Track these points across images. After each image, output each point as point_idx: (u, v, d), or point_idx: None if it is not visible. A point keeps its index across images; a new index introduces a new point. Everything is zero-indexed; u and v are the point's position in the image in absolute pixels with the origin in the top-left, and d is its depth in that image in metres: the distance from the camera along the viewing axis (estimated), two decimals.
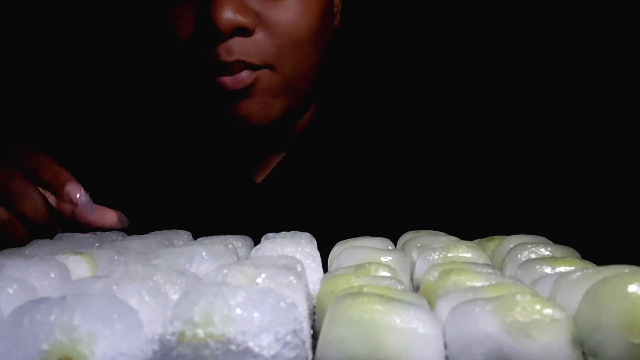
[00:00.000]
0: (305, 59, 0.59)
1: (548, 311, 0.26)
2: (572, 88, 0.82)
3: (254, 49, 0.56)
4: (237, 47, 0.55)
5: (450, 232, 0.48)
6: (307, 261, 0.40)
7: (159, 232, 0.51)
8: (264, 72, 0.57)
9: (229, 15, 0.52)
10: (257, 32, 0.56)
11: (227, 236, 0.48)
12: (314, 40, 0.59)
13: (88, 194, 0.50)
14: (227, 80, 0.56)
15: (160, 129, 0.70)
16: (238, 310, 0.25)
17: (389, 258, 0.39)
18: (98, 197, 0.52)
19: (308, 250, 0.41)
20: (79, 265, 0.38)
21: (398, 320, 0.26)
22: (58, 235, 0.49)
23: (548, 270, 0.35)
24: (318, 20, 0.59)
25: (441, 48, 0.86)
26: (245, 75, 0.56)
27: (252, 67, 0.56)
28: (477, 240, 0.47)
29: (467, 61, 0.85)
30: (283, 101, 0.59)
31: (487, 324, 0.26)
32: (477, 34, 0.85)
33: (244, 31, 0.55)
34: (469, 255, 0.40)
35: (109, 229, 0.51)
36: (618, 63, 0.80)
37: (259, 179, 0.67)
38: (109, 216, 0.51)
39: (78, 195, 0.49)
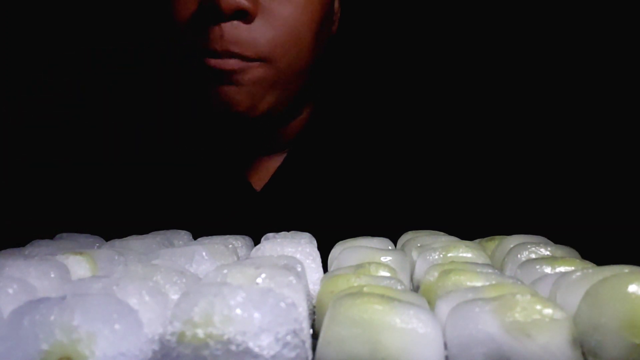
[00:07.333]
0: (301, 55, 0.59)
1: (548, 311, 0.26)
2: (572, 88, 0.81)
3: (248, 40, 0.56)
4: (229, 37, 0.55)
5: (450, 232, 0.48)
6: (307, 261, 0.40)
7: (159, 232, 0.51)
8: (255, 65, 0.57)
9: None
10: (256, 21, 0.56)
11: (227, 236, 0.48)
12: (312, 38, 0.59)
13: None
14: (212, 61, 0.56)
15: (158, 133, 0.70)
16: (238, 311, 0.25)
17: (389, 258, 0.39)
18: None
19: (308, 250, 0.41)
20: (79, 265, 0.38)
21: (398, 320, 0.26)
22: (58, 235, 0.49)
23: (548, 270, 0.35)
24: (318, 19, 0.60)
25: (438, 47, 0.86)
26: (232, 62, 0.56)
27: (243, 58, 0.56)
28: (477, 240, 0.47)
29: (466, 61, 0.85)
30: (272, 96, 0.59)
31: (487, 324, 0.26)
32: (475, 33, 0.85)
33: (244, 15, 0.55)
34: (469, 255, 0.40)
35: None
36: (618, 63, 0.80)
37: (259, 185, 0.66)
38: None
39: None
